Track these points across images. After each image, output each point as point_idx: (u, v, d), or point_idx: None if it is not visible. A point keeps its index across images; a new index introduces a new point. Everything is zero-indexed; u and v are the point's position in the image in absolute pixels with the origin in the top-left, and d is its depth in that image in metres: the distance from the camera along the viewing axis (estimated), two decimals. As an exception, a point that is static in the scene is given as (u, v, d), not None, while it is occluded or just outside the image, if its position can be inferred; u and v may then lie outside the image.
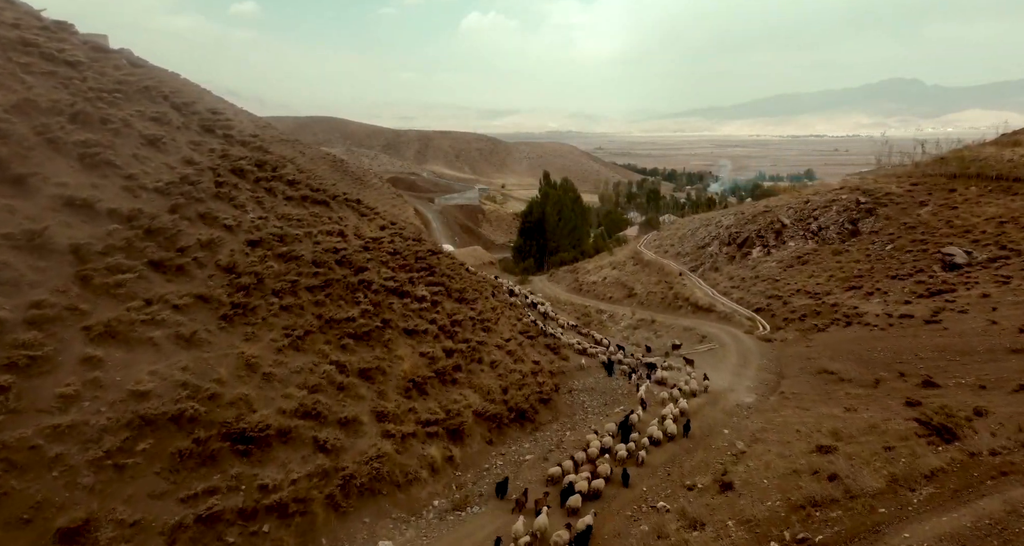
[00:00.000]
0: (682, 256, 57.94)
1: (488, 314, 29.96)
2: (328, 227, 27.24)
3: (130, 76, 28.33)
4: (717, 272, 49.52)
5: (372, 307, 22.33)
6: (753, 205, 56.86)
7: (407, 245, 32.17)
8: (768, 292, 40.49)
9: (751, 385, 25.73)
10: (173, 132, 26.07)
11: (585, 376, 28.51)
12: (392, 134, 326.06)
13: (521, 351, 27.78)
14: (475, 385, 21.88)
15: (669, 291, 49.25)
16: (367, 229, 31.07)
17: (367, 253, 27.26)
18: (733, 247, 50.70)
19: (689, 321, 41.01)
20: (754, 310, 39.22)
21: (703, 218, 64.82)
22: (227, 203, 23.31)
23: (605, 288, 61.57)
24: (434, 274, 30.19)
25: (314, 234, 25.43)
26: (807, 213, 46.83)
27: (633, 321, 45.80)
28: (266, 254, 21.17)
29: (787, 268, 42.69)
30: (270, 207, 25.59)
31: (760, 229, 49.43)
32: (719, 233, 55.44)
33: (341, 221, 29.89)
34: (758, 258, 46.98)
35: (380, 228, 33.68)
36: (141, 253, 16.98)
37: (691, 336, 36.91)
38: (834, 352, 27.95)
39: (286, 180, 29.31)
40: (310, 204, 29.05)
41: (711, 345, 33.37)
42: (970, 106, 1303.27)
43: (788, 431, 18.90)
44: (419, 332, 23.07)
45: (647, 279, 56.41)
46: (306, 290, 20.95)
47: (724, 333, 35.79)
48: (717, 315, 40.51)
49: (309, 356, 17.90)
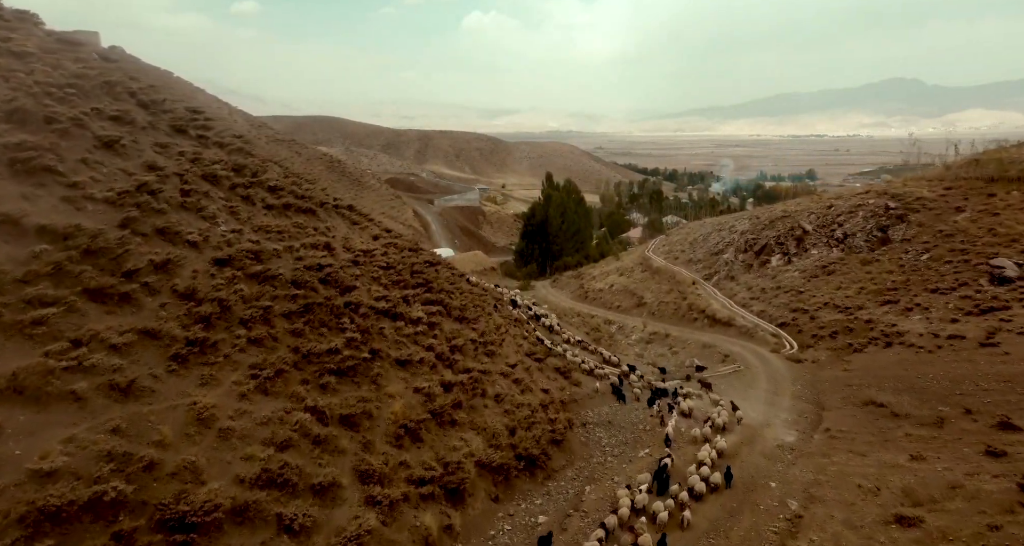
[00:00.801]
0: (694, 263, 55.02)
1: (491, 335, 27.01)
2: (313, 239, 24.29)
3: (89, 70, 25.38)
4: (733, 281, 46.57)
5: (359, 334, 19.38)
6: (769, 209, 53.93)
7: (402, 257, 29.26)
8: (792, 305, 37.55)
9: (788, 418, 22.81)
10: (136, 133, 23.12)
11: (599, 404, 25.57)
12: (392, 134, 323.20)
13: (529, 378, 24.84)
14: (478, 425, 18.94)
15: (683, 301, 46.32)
16: (358, 240, 28.14)
17: (357, 268, 24.33)
18: (750, 254, 47.75)
19: (707, 336, 38.06)
20: (778, 325, 36.29)
21: (715, 222, 61.87)
22: (194, 214, 20.37)
23: (612, 296, 58.65)
24: (431, 290, 27.27)
25: (296, 248, 22.48)
26: (830, 219, 43.89)
27: (645, 334, 42.88)
28: (236, 275, 18.22)
29: (811, 278, 39.74)
30: (246, 218, 22.63)
31: (779, 235, 46.47)
32: (734, 239, 52.49)
33: (329, 232, 26.98)
34: (778, 267, 44.03)
35: (373, 238, 30.78)
36: (75, 280, 14.04)
37: (711, 355, 33.97)
38: (878, 378, 25.02)
39: (267, 186, 26.35)
40: (294, 213, 26.11)
41: (736, 366, 30.43)
42: (971, 106, 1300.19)
43: (848, 486, 15.98)
44: (413, 362, 20.12)
45: (657, 287, 53.48)
46: (282, 317, 18.01)
47: (748, 352, 32.86)
48: (737, 330, 37.57)
49: (280, 401, 14.96)
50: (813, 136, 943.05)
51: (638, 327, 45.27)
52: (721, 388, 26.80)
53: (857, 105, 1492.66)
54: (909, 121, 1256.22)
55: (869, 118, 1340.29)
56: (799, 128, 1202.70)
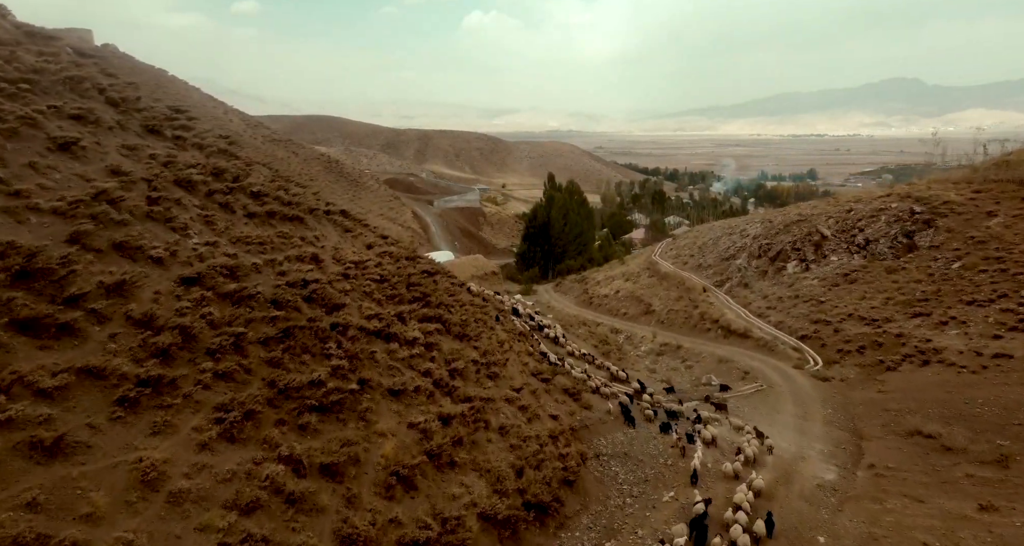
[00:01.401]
0: (703, 269, 52.79)
1: (494, 353, 24.77)
2: (299, 251, 22.06)
3: (51, 64, 23.13)
4: (747, 289, 44.34)
5: (347, 361, 17.13)
6: (783, 212, 51.70)
7: (397, 267, 27.05)
8: (813, 316, 35.32)
9: (824, 449, 20.58)
10: (101, 134, 20.88)
11: (612, 430, 23.34)
12: (391, 133, 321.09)
13: (536, 403, 22.61)
14: (480, 466, 16.70)
15: (694, 310, 44.08)
16: (350, 249, 25.90)
17: (347, 282, 22.10)
18: (765, 260, 45.50)
19: (722, 349, 35.83)
20: (799, 337, 34.06)
21: (724, 226, 59.63)
22: (161, 226, 18.12)
23: (618, 303, 56.42)
24: (429, 304, 25.07)
25: (279, 262, 20.23)
26: (851, 224, 41.65)
27: (655, 345, 40.65)
28: (206, 295, 15.97)
29: (832, 287, 37.51)
30: (223, 228, 20.38)
31: (796, 241, 44.21)
32: (746, 244, 50.24)
33: (317, 241, 24.76)
34: (795, 274, 41.79)
35: (367, 246, 28.56)
36: (1, 309, 11.82)
37: (729, 371, 31.74)
38: (919, 403, 22.80)
39: (250, 192, 24.10)
40: (279, 221, 23.87)
41: (758, 385, 28.20)
42: (972, 105, 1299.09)
43: (912, 544, 13.74)
44: (408, 391, 17.86)
45: (666, 294, 51.25)
46: (258, 344, 15.76)
47: (769, 368, 30.63)
48: (755, 342, 35.34)
49: (250, 450, 12.73)
50: (813, 136, 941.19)
51: (647, 337, 43.03)
52: (744, 412, 24.57)
53: (857, 105, 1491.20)
54: (909, 121, 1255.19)
55: (869, 118, 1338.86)
56: (799, 128, 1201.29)
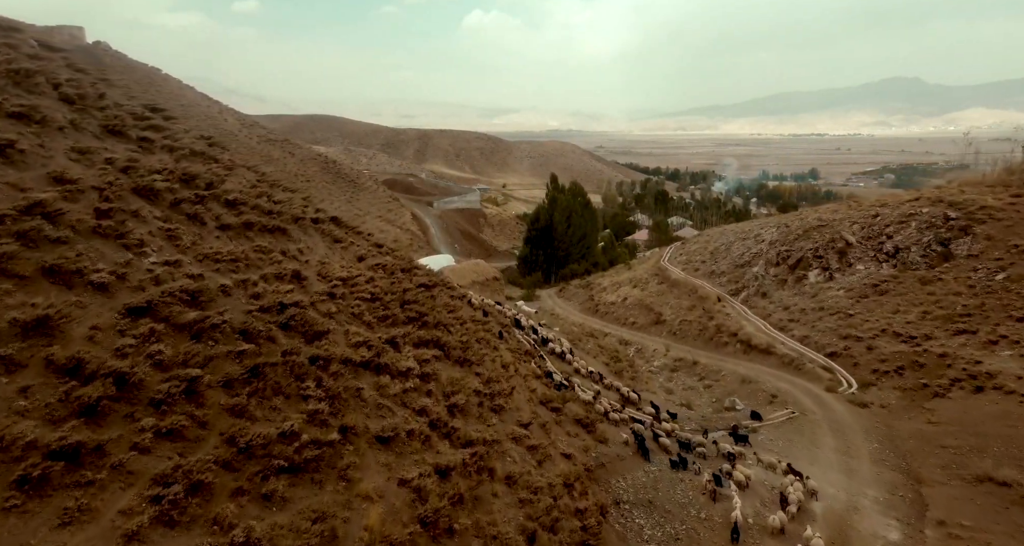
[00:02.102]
0: (716, 276, 50.16)
1: (500, 381, 22.14)
2: (278, 268, 19.40)
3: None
4: (766, 299, 41.71)
5: (328, 404, 14.47)
6: (801, 217, 49.07)
7: (391, 283, 24.46)
8: (841, 331, 32.71)
9: (879, 497, 17.95)
10: (47, 135, 18.21)
11: (631, 468, 20.77)
12: (391, 133, 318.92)
13: (546, 439, 20.00)
14: (485, 531, 14.06)
15: (709, 321, 41.46)
16: (337, 264, 23.25)
17: (332, 303, 19.46)
18: (784, 268, 42.88)
19: (743, 367, 33.23)
20: (827, 355, 31.45)
21: (737, 230, 56.99)
22: (111, 243, 15.45)
23: (626, 311, 53.82)
24: (426, 325, 22.47)
25: (253, 282, 17.55)
26: (877, 230, 39.03)
27: (669, 360, 38.05)
28: (156, 329, 13.30)
29: (860, 299, 34.90)
30: (189, 243, 17.70)
31: (817, 247, 41.57)
32: (762, 250, 47.60)
33: (301, 255, 22.12)
34: (818, 284, 39.16)
35: (358, 259, 25.93)
36: None
37: (753, 392, 29.12)
38: (979, 439, 20.19)
39: (225, 200, 21.44)
40: (257, 233, 21.20)
41: (789, 412, 25.57)
42: (972, 105, 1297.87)
43: (1016, 641, 11.12)
44: (400, 437, 15.21)
45: (677, 303, 48.63)
46: (219, 388, 13.10)
47: (798, 390, 28.01)
48: (779, 360, 32.74)
49: (195, 535, 10.07)
50: (814, 135, 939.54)
51: (660, 351, 40.43)
52: (778, 445, 21.92)
53: (858, 104, 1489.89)
54: (910, 120, 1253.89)
55: (870, 117, 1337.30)
56: (799, 127, 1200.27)
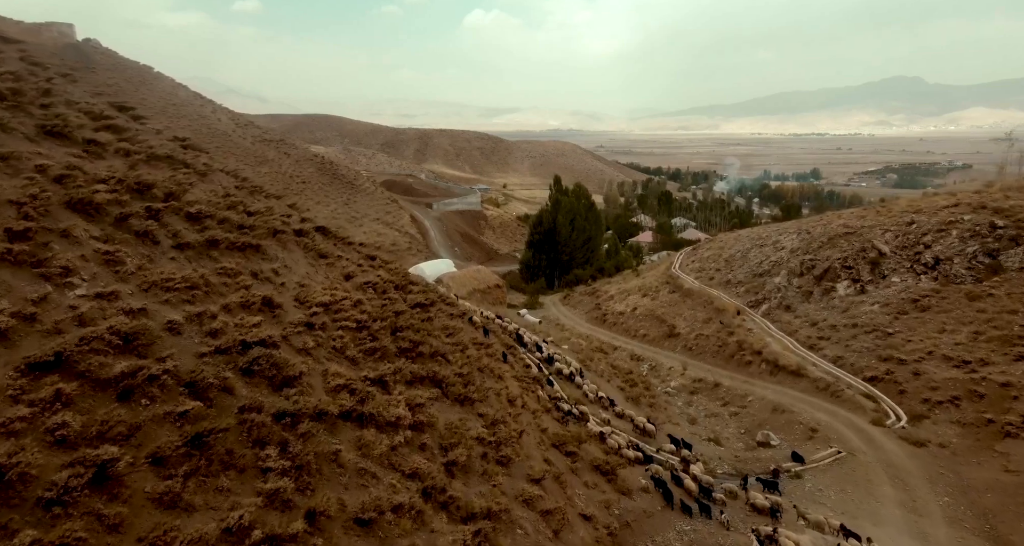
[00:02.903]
0: (733, 285, 47.10)
1: (506, 422, 19.09)
2: (246, 295, 16.28)
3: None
4: (790, 313, 38.65)
5: (293, 477, 11.39)
6: (824, 223, 45.99)
7: (383, 305, 21.43)
8: (881, 352, 29.66)
9: (965, 573, 14.89)
10: (-39, 138, 15.18)
11: (662, 527, 17.70)
12: (391, 132, 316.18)
13: (563, 498, 16.97)
14: (495, 646, 11.05)
15: (728, 337, 38.41)
16: (320, 285, 20.13)
17: (310, 336, 16.39)
18: (809, 279, 39.82)
19: (772, 391, 30.19)
20: (866, 379, 28.40)
21: (753, 236, 53.93)
22: (25, 273, 12.38)
23: (636, 322, 50.78)
24: (421, 356, 19.45)
25: (211, 315, 14.42)
26: (913, 239, 35.98)
27: (687, 381, 35.01)
28: (63, 391, 10.22)
29: (899, 315, 31.84)
30: (135, 268, 14.58)
31: (846, 257, 38.50)
32: (783, 258, 44.54)
33: (277, 276, 19.00)
34: (849, 297, 36.10)
35: (345, 277, 22.85)
36: None
37: (788, 424, 26.06)
38: (1073, 495, 17.12)
39: (186, 213, 18.34)
40: (225, 252, 18.07)
41: (834, 451, 22.50)
42: (973, 104, 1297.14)
43: None
44: (384, 518, 12.13)
45: (692, 315, 45.58)
46: (146, 469, 10.03)
47: (839, 422, 24.98)
48: (811, 383, 29.68)
49: None
50: (814, 135, 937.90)
51: (676, 369, 37.40)
52: (830, 497, 18.82)
53: (858, 104, 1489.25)
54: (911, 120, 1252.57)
55: (870, 117, 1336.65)
56: (800, 126, 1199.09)
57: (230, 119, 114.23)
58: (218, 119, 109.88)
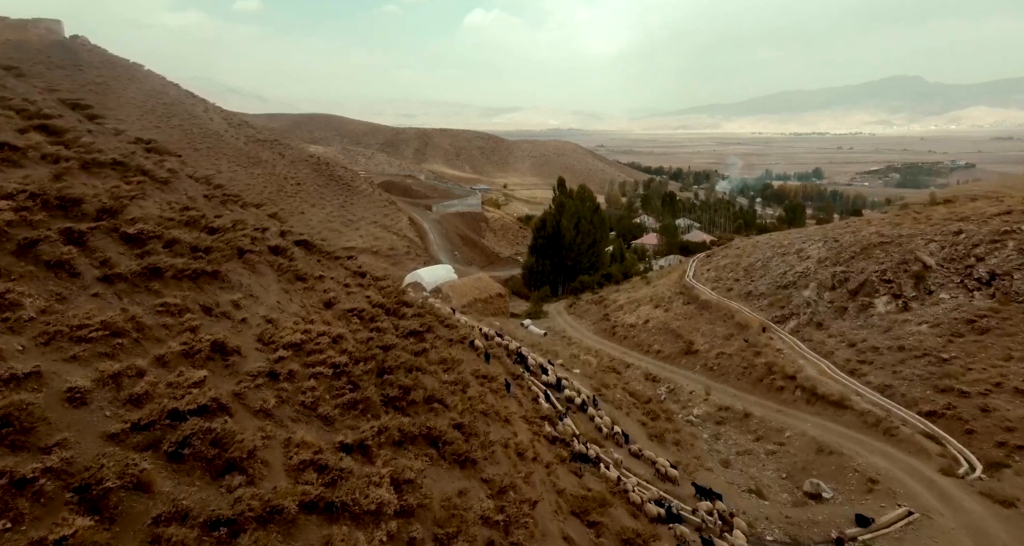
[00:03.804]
0: (755, 298, 43.63)
1: (517, 488, 15.63)
2: (190, 340, 12.63)
3: None
4: (822, 330, 35.20)
5: (224, 628, 8.00)
6: (853, 229, 42.53)
7: (368, 342, 17.86)
8: (937, 381, 26.21)
9: None
10: None
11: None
12: (391, 132, 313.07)
13: (591, 596, 13.55)
14: None
15: (755, 357, 34.96)
16: (292, 319, 16.53)
17: (272, 390, 12.78)
18: (842, 293, 36.36)
19: (813, 424, 26.74)
20: (924, 414, 24.94)
21: (773, 243, 50.48)
22: None
23: (649, 336, 47.33)
24: (414, 404, 15.86)
25: (138, 372, 10.90)
26: (963, 250, 32.58)
27: (711, 408, 31.56)
28: None
29: (954, 338, 28.40)
30: (36, 312, 11.05)
31: (884, 270, 35.05)
32: (809, 269, 41.08)
33: (237, 311, 15.34)
34: (890, 315, 32.66)
35: (325, 304, 19.34)
36: None
37: (839, 471, 22.57)
38: None
39: (124, 234, 14.79)
40: (169, 283, 14.41)
41: (905, 512, 19.01)
42: (974, 103, 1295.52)
43: None
44: None
45: (711, 330, 42.13)
46: None
47: (900, 469, 21.51)
48: (858, 418, 26.22)
49: None
50: (815, 134, 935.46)
51: (698, 394, 33.95)
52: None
53: (859, 103, 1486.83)
54: (911, 119, 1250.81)
55: (871, 116, 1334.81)
56: (801, 126, 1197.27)
57: (223, 119, 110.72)
58: (210, 119, 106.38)
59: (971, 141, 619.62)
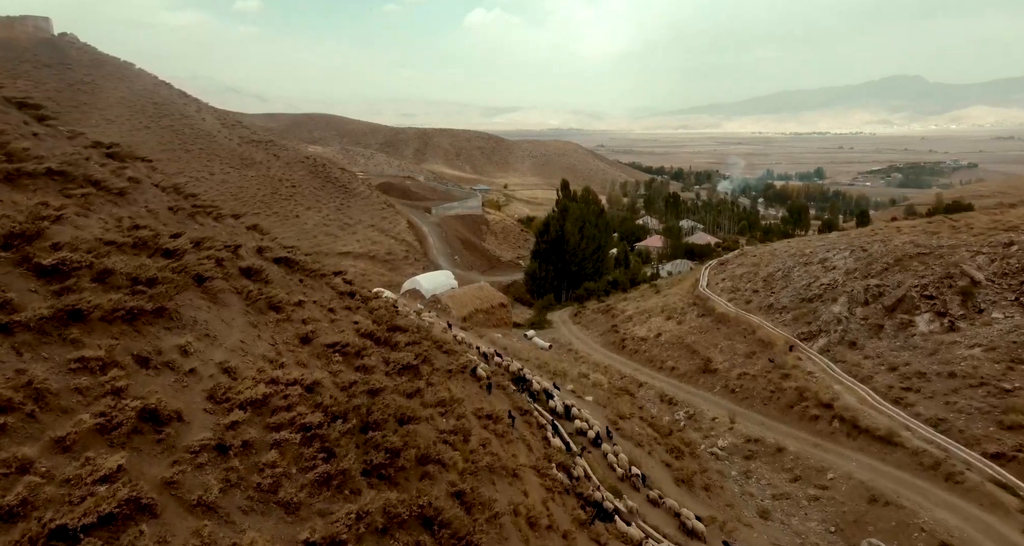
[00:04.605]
0: (776, 311, 40.57)
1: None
2: (109, 409, 9.52)
3: None
4: (856, 351, 32.15)
5: None
6: (881, 237, 39.44)
7: (351, 387, 14.75)
8: (1001, 416, 23.12)
9: None
10: None
11: None
12: (390, 132, 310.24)
13: None
14: None
15: (783, 380, 31.92)
16: (256, 365, 13.34)
17: (219, 471, 9.72)
18: (877, 310, 33.31)
19: (859, 463, 23.67)
20: (989, 456, 21.88)
21: (793, 252, 47.42)
22: None
23: (662, 351, 44.28)
24: (403, 470, 12.77)
25: (17, 468, 7.90)
26: (1017, 265, 29.52)
27: (738, 439, 28.51)
28: None
29: (1015, 364, 25.33)
30: None
31: (925, 284, 31.99)
32: (837, 280, 38.03)
33: (185, 359, 12.16)
34: (935, 336, 29.60)
35: (301, 339, 16.28)
36: None
37: (900, 527, 19.48)
38: None
39: (36, 266, 11.65)
40: (95, 328, 11.22)
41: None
42: (974, 103, 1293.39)
43: None
44: None
45: (730, 347, 39.08)
46: None
47: (974, 528, 18.46)
48: (911, 457, 23.13)
49: None
50: (815, 134, 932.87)
51: (721, 421, 30.89)
52: None
53: (859, 102, 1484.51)
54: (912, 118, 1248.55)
55: (872, 116, 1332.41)
56: (801, 125, 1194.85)
57: (216, 119, 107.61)
58: (202, 119, 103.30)
59: (972, 141, 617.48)
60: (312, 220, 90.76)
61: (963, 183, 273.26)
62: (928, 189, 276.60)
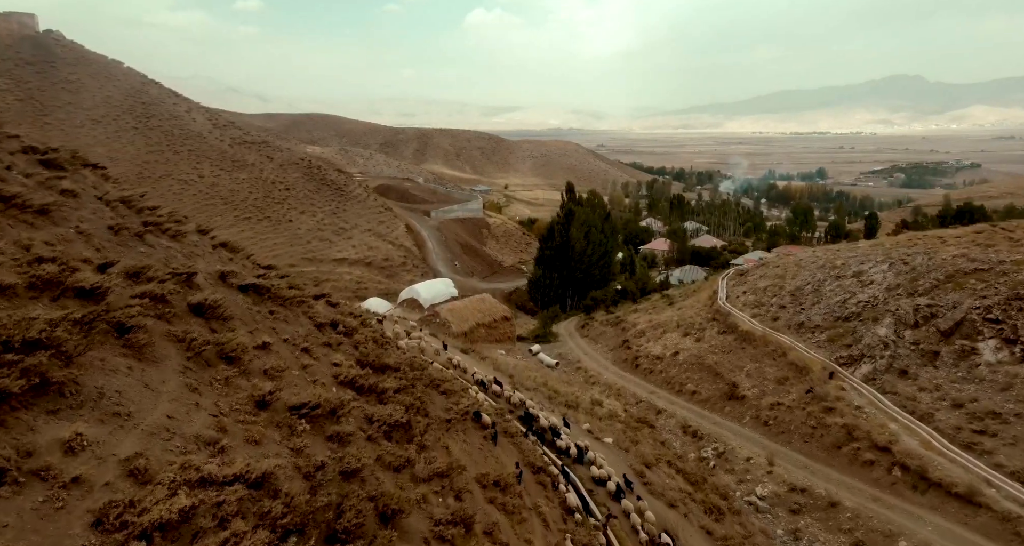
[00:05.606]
0: (808, 330, 36.74)
1: None
2: None
3: None
4: (908, 381, 28.34)
5: None
6: (924, 247, 35.60)
7: (316, 475, 10.85)
8: (1103, 473, 19.42)
9: None
10: None
11: None
12: (390, 132, 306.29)
13: None
14: None
15: (825, 414, 28.09)
16: (174, 463, 9.60)
17: None
18: (930, 333, 29.51)
19: (932, 528, 19.91)
20: (1098, 525, 18.10)
21: (821, 263, 43.54)
22: None
23: (680, 372, 40.46)
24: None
25: None
26: (1098, 285, 25.85)
27: (780, 488, 24.72)
28: None
29: (1110, 408, 21.60)
30: None
31: (990, 306, 28.20)
32: (878, 298, 34.24)
33: (70, 459, 8.32)
34: (1005, 367, 25.78)
35: (257, 403, 12.37)
36: None
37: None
38: None
39: None
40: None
41: None
42: (974, 103, 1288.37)
43: None
44: None
45: (758, 370, 35.29)
46: None
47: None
48: (1001, 523, 19.36)
49: None
50: (816, 133, 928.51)
51: (757, 462, 27.08)
52: None
53: (860, 102, 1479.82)
54: (912, 118, 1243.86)
55: (872, 115, 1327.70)
56: (801, 125, 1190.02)
57: (207, 119, 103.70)
58: (193, 119, 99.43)
59: (973, 140, 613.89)
60: (306, 225, 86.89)
61: (968, 184, 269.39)
62: (932, 189, 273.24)
